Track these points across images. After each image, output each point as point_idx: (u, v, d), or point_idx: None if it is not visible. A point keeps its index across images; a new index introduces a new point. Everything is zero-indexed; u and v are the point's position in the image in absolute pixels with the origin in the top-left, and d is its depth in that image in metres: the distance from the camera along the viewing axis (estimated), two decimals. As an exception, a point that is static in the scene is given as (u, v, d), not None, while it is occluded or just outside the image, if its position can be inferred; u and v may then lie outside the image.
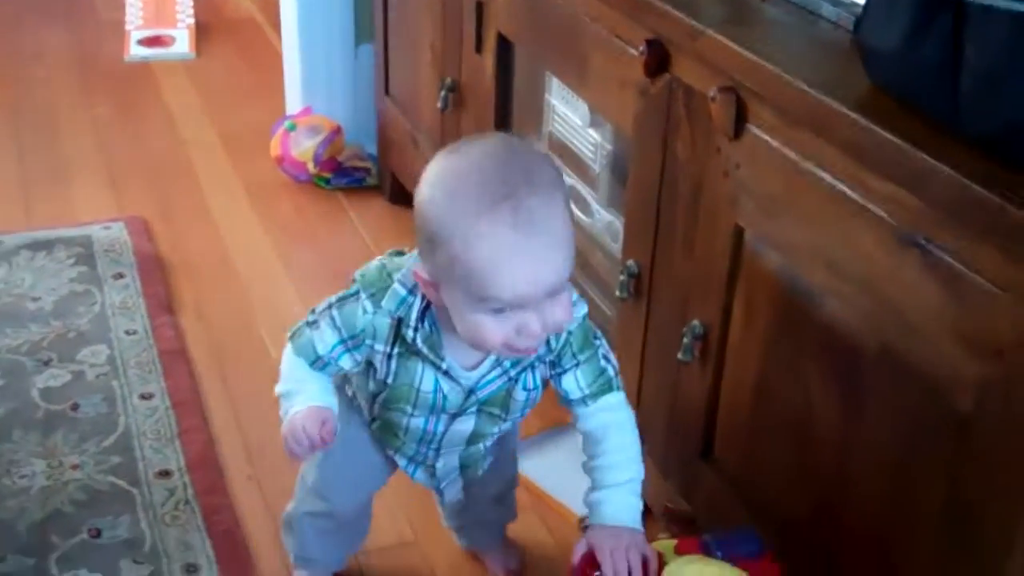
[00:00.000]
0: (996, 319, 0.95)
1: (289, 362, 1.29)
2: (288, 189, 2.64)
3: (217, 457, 1.78)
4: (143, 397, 1.90)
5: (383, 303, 1.20)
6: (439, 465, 1.36)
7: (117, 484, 1.70)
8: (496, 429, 1.31)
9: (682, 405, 1.45)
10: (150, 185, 2.64)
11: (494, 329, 1.11)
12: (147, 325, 2.09)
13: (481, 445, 1.35)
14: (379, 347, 1.22)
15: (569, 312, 1.14)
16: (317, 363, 1.25)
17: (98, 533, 1.61)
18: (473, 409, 1.27)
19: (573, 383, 1.25)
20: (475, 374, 1.23)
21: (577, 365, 1.24)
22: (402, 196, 2.50)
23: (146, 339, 2.05)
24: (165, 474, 1.73)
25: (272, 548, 1.61)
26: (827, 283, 1.16)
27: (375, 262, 1.25)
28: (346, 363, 1.25)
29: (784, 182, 1.19)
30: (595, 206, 1.68)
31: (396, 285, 1.20)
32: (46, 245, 2.34)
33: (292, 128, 2.62)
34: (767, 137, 1.20)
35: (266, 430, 1.84)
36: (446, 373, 1.22)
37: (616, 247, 1.62)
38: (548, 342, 1.22)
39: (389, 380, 1.24)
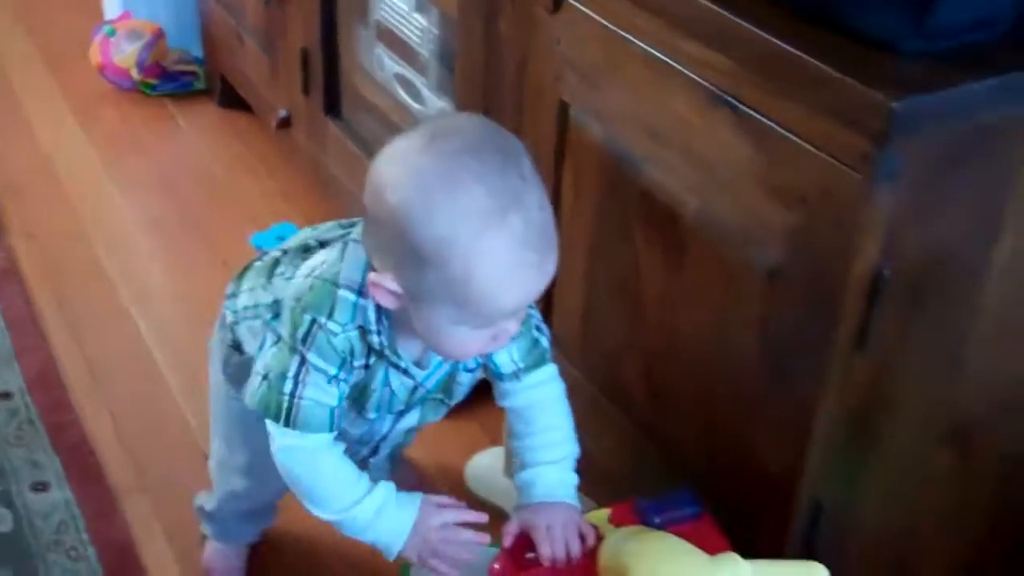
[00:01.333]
0: (800, 170, 1.00)
1: (305, 466, 1.07)
2: (112, 98, 2.55)
3: (58, 375, 1.74)
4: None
5: (338, 318, 1.03)
6: (373, 460, 1.26)
7: None
8: (440, 414, 1.22)
9: (521, 282, 1.48)
10: (-39, 100, 2.52)
11: (474, 341, 1.01)
12: (-29, 248, 2.02)
13: (416, 431, 1.26)
14: (358, 362, 1.07)
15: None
16: (333, 422, 1.07)
17: None
18: (418, 403, 1.17)
19: (506, 356, 1.14)
20: (424, 370, 1.13)
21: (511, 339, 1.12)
22: (232, 99, 2.45)
23: (-29, 263, 1.98)
24: (5, 396, 1.69)
25: (121, 458, 1.60)
26: (648, 150, 1.19)
27: (296, 280, 1.08)
28: (344, 394, 1.09)
29: (603, 53, 1.21)
30: (426, 92, 1.68)
31: (343, 292, 1.04)
32: None
33: (112, 33, 2.53)
34: (584, 8, 1.22)
35: (108, 344, 1.82)
36: (405, 371, 1.10)
37: (448, 133, 1.62)
38: None
39: (359, 384, 1.11)
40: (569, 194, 1.34)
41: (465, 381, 1.18)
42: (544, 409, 1.16)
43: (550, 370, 1.17)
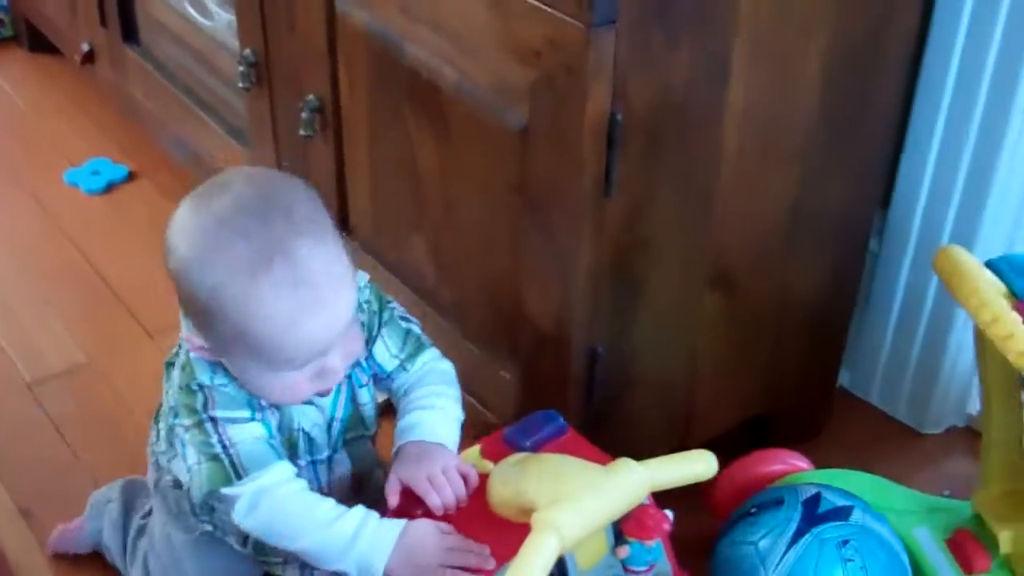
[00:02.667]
0: (531, 26, 1.06)
1: (275, 502, 1.03)
2: (-85, 51, 2.50)
3: None
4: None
5: (216, 376, 1.05)
6: None
7: None
8: (372, 451, 1.18)
9: (316, 181, 1.51)
10: None
11: (297, 384, 1.02)
12: None
13: (372, 478, 1.19)
14: (264, 401, 1.07)
15: (362, 341, 1.08)
16: (276, 450, 1.06)
17: None
18: (341, 444, 1.14)
19: (384, 351, 1.13)
20: (327, 399, 1.11)
21: (381, 329, 1.13)
22: (41, 43, 2.42)
23: None
24: None
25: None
26: (404, 28, 1.24)
27: (174, 377, 1.08)
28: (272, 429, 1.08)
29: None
30: (213, 8, 1.70)
31: (193, 355, 1.05)
32: None
33: (-93, -15, 2.46)
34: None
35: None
36: (309, 402, 1.09)
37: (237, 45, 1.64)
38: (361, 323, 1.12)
39: (282, 429, 1.09)
40: (345, 85, 1.38)
41: (367, 400, 1.14)
42: (432, 376, 1.14)
43: (433, 352, 1.16)
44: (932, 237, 1.43)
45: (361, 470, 1.16)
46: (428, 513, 1.02)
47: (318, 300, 0.97)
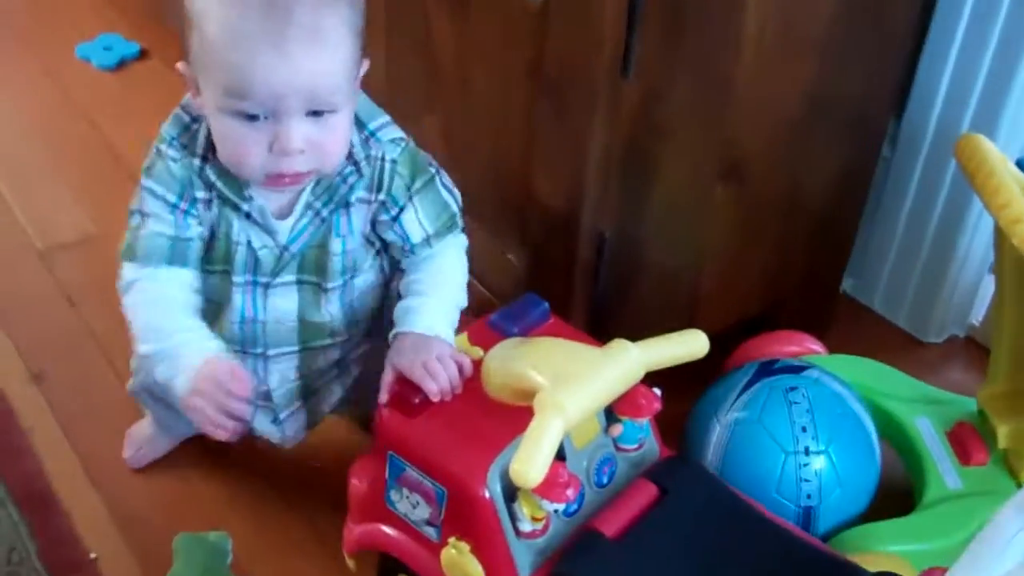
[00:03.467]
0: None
1: (139, 296, 1.04)
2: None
3: None
4: None
5: (166, 135, 1.04)
6: (272, 383, 1.15)
7: None
8: (325, 314, 1.12)
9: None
10: None
11: (246, 142, 0.97)
12: None
13: (321, 356, 1.15)
14: (200, 194, 1.05)
15: (340, 139, 1.01)
16: (175, 254, 1.05)
17: None
18: (292, 277, 1.09)
19: (415, 222, 1.09)
20: (287, 224, 1.06)
21: (412, 198, 1.08)
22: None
23: None
24: None
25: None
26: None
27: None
28: (195, 230, 1.06)
29: None
30: None
31: (178, 110, 1.05)
32: None
33: None
34: None
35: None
36: (248, 216, 1.05)
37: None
38: (361, 170, 1.06)
39: (207, 232, 1.07)
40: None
41: (337, 252, 1.09)
42: (442, 259, 1.11)
43: (459, 239, 1.12)
44: (946, 145, 1.42)
45: (308, 317, 1.11)
46: (426, 400, 1.03)
47: (283, 32, 0.93)
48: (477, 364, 1.06)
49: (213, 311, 1.10)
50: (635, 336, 1.03)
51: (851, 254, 1.52)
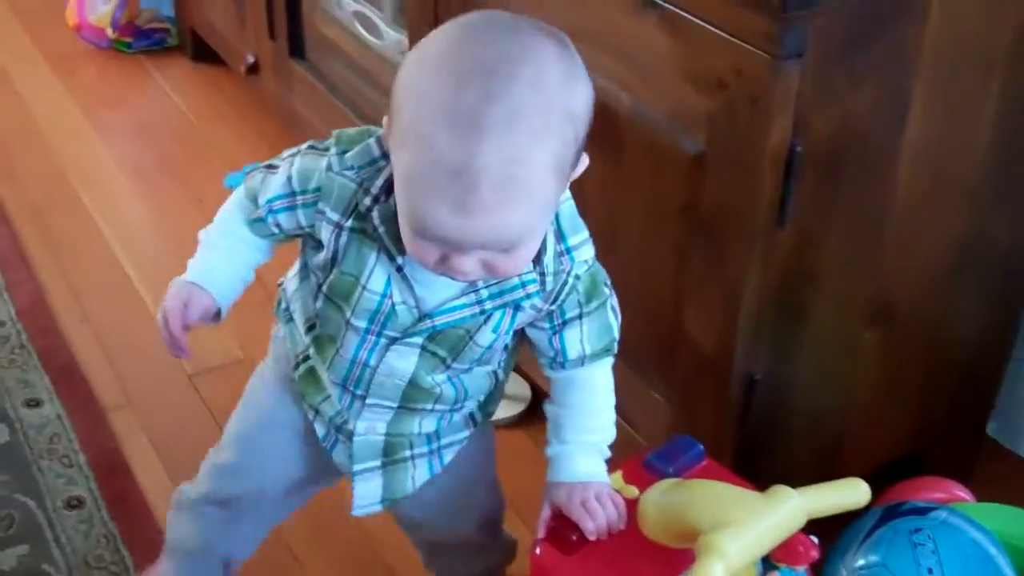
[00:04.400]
0: (716, 56, 1.09)
1: (230, 205, 1.08)
2: (90, 56, 2.63)
3: (47, 304, 1.83)
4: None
5: (348, 158, 0.97)
6: (359, 428, 1.08)
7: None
8: (434, 383, 1.05)
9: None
10: (-56, 62, 2.60)
11: (418, 247, 0.89)
12: (-41, 197, 2.10)
13: (416, 420, 1.09)
14: (332, 215, 0.97)
15: (520, 265, 0.93)
16: (255, 214, 1.04)
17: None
18: (419, 340, 1.01)
19: (577, 340, 1.04)
20: (439, 292, 0.98)
21: (582, 317, 1.03)
22: (204, 52, 2.53)
23: (-41, 211, 2.06)
24: (-2, 324, 1.78)
25: (108, 377, 1.70)
26: (586, 55, 1.28)
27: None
28: (286, 222, 1.02)
29: (541, -33, 1.30)
30: (383, 27, 1.76)
31: (371, 141, 0.97)
32: None
33: (86, -7, 2.60)
34: (522, -74, 1.31)
35: (92, 275, 1.92)
36: (400, 271, 0.97)
37: (407, 62, 1.70)
38: (544, 283, 0.98)
39: (337, 260, 0.99)
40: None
41: (484, 344, 1.02)
42: (591, 388, 1.08)
43: (608, 363, 1.08)
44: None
45: (419, 381, 1.04)
46: (582, 538, 1.04)
47: (464, 202, 0.83)
48: (632, 504, 1.07)
49: (323, 341, 1.06)
50: (781, 478, 1.03)
51: (997, 396, 1.51)
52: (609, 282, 1.06)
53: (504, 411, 1.64)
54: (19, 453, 1.55)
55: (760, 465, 1.25)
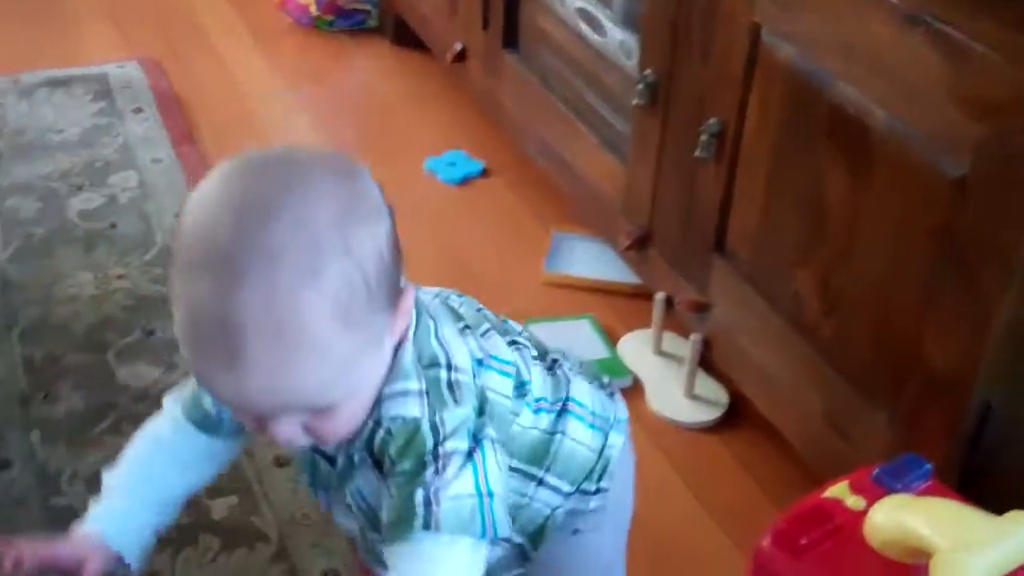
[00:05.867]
0: (992, 82, 1.08)
1: (151, 425, 1.01)
2: (292, 32, 2.72)
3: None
4: (177, 216, 2.01)
5: None
6: (338, 518, 1.02)
7: (163, 291, 1.82)
8: (359, 527, 0.97)
9: (697, 202, 1.58)
10: (156, 30, 2.70)
11: (233, 411, 0.86)
12: (171, 154, 2.19)
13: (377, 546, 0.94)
14: None
15: (344, 427, 0.85)
16: (206, 418, 1.00)
17: (151, 332, 1.74)
18: (348, 500, 0.95)
19: (387, 499, 0.87)
20: (342, 447, 0.91)
21: (391, 476, 0.86)
22: (405, 37, 2.59)
23: (172, 166, 2.15)
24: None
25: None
26: (840, 68, 1.28)
27: None
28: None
29: (800, -22, 1.30)
30: (608, 25, 1.78)
31: None
32: (63, 83, 2.41)
33: (294, -29, 2.69)
34: (785, -64, 1.31)
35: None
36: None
37: (630, 64, 1.72)
38: (362, 431, 0.88)
39: None
40: (753, 114, 1.43)
41: (357, 489, 0.93)
42: None
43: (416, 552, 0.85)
44: None
45: (369, 530, 0.95)
46: (811, 542, 1.04)
47: (230, 340, 0.73)
48: (858, 515, 1.07)
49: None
50: (1003, 506, 1.01)
51: None
52: (442, 457, 0.85)
53: (699, 415, 1.65)
54: (230, 408, 1.61)
55: (982, 496, 1.23)
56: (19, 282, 1.83)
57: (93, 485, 1.45)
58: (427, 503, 0.84)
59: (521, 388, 0.97)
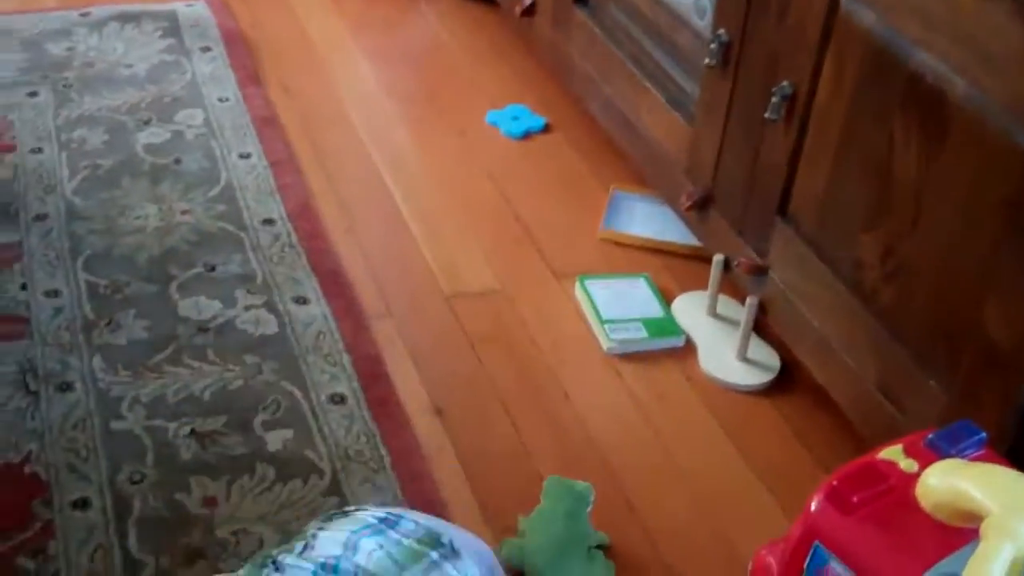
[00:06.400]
0: (1082, 53, 1.07)
1: None
2: (359, -20, 2.73)
3: (315, 210, 1.92)
4: (241, 156, 2.03)
5: None
6: None
7: (225, 228, 1.85)
8: None
9: (763, 164, 1.58)
10: (225, -28, 2.72)
11: None
12: (238, 94, 2.21)
13: None
14: None
15: None
16: None
17: (212, 268, 1.76)
18: None
19: None
20: None
21: None
22: (471, -10, 2.59)
23: (238, 106, 2.17)
24: (269, 222, 1.87)
25: (371, 288, 1.77)
26: (919, 35, 1.27)
27: None
28: None
29: (884, -57, 1.29)
30: (682, -16, 1.78)
31: None
32: (134, 18, 2.44)
33: (365, -81, 2.69)
34: (871, -101, 1.30)
35: (357, 189, 2.00)
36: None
37: (702, 24, 1.72)
38: None
39: None
40: (827, 78, 1.43)
41: None
42: None
43: None
44: None
45: None
46: (863, 500, 1.07)
47: None
48: (912, 477, 1.09)
49: None
50: None
51: None
52: None
53: (751, 378, 1.66)
54: (287, 345, 1.64)
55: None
56: (85, 212, 1.87)
57: (152, 411, 1.51)
58: None
59: None
